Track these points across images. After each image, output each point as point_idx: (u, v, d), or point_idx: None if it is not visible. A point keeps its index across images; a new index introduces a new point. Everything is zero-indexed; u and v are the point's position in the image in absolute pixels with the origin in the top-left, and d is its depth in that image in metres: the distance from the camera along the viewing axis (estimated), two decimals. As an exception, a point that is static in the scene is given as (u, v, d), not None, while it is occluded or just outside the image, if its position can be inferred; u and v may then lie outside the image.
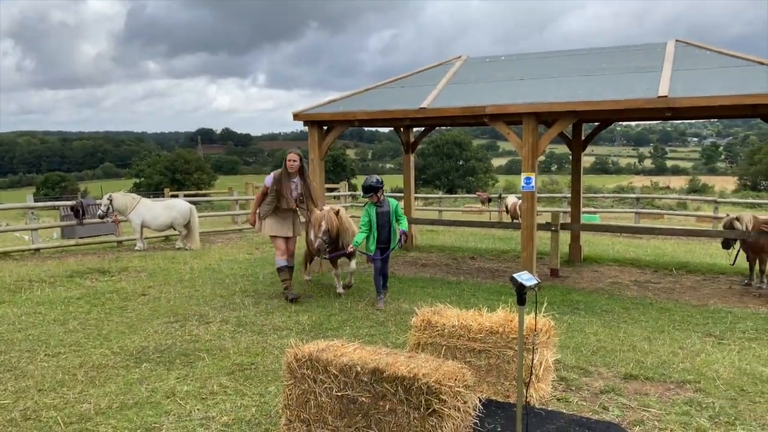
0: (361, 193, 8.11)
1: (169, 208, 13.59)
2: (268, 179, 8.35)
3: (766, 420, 4.56)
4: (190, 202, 14.58)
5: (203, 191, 32.10)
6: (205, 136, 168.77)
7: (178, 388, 5.22)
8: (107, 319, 7.56)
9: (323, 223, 8.02)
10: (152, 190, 46.71)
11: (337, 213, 8.28)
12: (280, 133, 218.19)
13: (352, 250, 8.08)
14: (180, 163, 60.93)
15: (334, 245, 8.31)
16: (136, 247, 13.43)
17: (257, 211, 8.51)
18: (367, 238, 8.06)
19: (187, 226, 13.55)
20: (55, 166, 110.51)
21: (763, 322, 7.31)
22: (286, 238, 8.47)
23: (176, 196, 18.61)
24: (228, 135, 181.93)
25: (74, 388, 5.22)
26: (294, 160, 8.18)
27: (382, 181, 8.05)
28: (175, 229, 13.76)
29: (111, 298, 8.71)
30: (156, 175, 59.58)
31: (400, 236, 8.11)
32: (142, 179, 61.75)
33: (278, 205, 8.28)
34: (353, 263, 8.90)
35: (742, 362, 5.82)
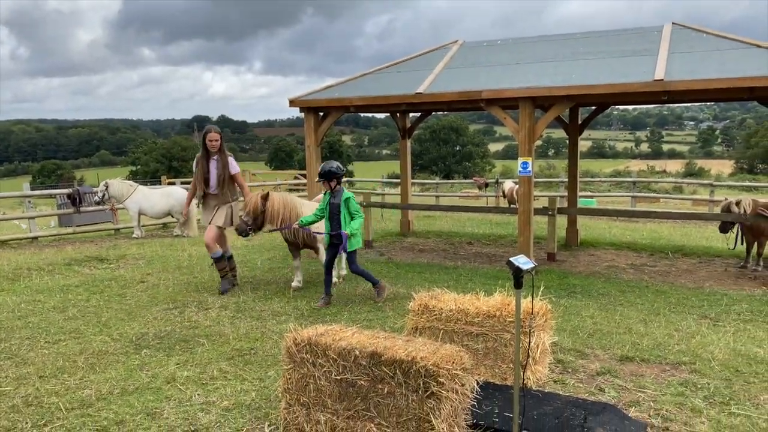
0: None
1: (167, 196, 13.59)
2: (195, 163, 8.06)
3: (760, 400, 4.62)
4: (186, 189, 14.56)
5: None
6: (201, 123, 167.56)
7: (179, 373, 5.26)
8: (106, 306, 7.58)
9: (247, 206, 7.82)
10: (149, 177, 46.63)
11: (264, 197, 7.81)
12: (276, 119, 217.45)
13: (295, 226, 7.61)
14: (176, 150, 60.79)
15: (259, 227, 7.90)
16: (134, 235, 13.44)
17: (191, 202, 8.40)
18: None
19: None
20: (51, 155, 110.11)
21: (759, 304, 7.37)
22: (220, 228, 8.06)
23: (173, 183, 18.58)
24: (224, 122, 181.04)
25: (75, 375, 5.26)
26: (216, 140, 7.77)
27: (341, 169, 7.39)
28: (173, 217, 13.76)
29: (110, 285, 8.73)
30: (152, 162, 59.45)
31: (345, 236, 7.26)
32: (139, 167, 61.59)
33: (206, 191, 7.96)
34: (321, 254, 8.14)
35: (737, 343, 5.88)
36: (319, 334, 4.15)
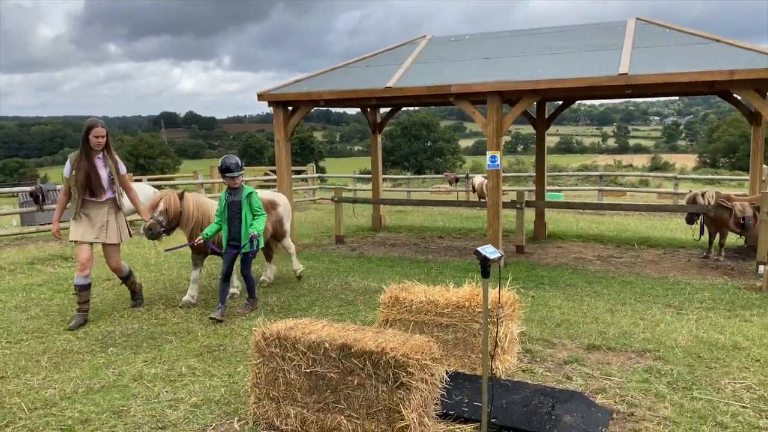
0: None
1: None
2: (66, 168, 6.40)
3: (720, 384, 4.74)
4: (154, 186, 14.34)
5: (168, 175, 31.62)
6: (168, 119, 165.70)
7: (146, 371, 5.18)
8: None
9: (161, 203, 6.80)
10: (115, 175, 45.79)
11: (181, 196, 7.00)
12: (245, 115, 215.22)
13: (200, 242, 6.68)
14: (143, 147, 59.79)
15: (171, 231, 7.00)
16: (100, 233, 13.17)
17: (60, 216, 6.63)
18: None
19: (152, 210, 13.32)
20: (13, 153, 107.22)
21: (720, 293, 7.56)
22: (102, 246, 6.60)
23: (140, 180, 18.28)
24: (192, 118, 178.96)
25: (38, 375, 5.14)
26: (103, 135, 6.27)
27: (241, 165, 6.71)
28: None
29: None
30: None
31: (251, 239, 6.60)
32: (105, 165, 60.44)
33: (85, 199, 6.37)
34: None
35: (700, 331, 6.02)
36: (289, 328, 4.13)
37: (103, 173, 6.37)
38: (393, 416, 3.69)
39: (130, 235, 6.86)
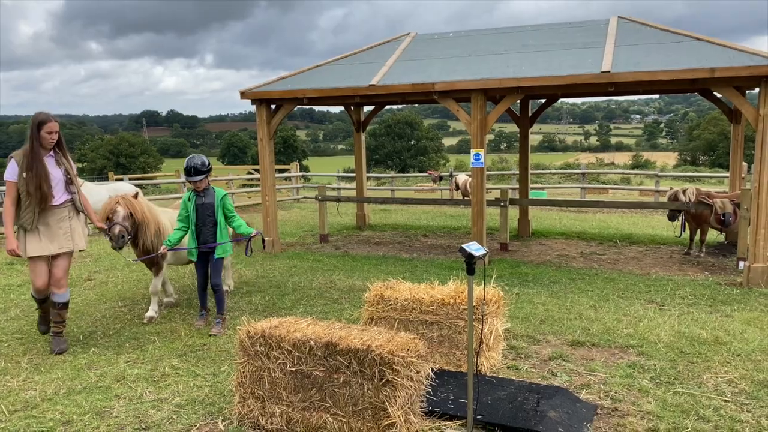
0: (185, 178, 6.26)
1: (114, 192, 13.18)
2: (11, 170, 5.35)
3: (702, 379, 4.79)
4: (136, 185, 14.20)
5: (149, 174, 31.33)
6: (150, 118, 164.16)
7: (129, 371, 5.12)
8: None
9: (120, 207, 6.09)
10: (96, 174, 45.25)
11: (135, 196, 6.44)
12: (228, 114, 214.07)
13: (164, 251, 6.17)
14: (124, 146, 59.12)
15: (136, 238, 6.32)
16: (81, 233, 13.01)
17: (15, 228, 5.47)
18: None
19: (134, 209, 13.19)
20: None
21: (701, 288, 7.65)
22: (54, 257, 5.56)
23: (121, 179, 18.09)
24: (174, 117, 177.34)
25: (18, 376, 5.05)
26: (56, 131, 5.43)
27: (209, 165, 6.21)
28: (121, 213, 13.37)
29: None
30: (99, 159, 57.68)
31: (248, 240, 6.18)
32: (85, 164, 59.66)
33: (42, 206, 5.41)
34: (155, 280, 6.70)
35: (682, 326, 6.08)
36: (273, 327, 4.11)
37: (57, 173, 5.47)
38: (379, 414, 3.68)
39: (83, 246, 5.79)
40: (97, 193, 13.11)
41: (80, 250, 5.79)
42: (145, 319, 6.54)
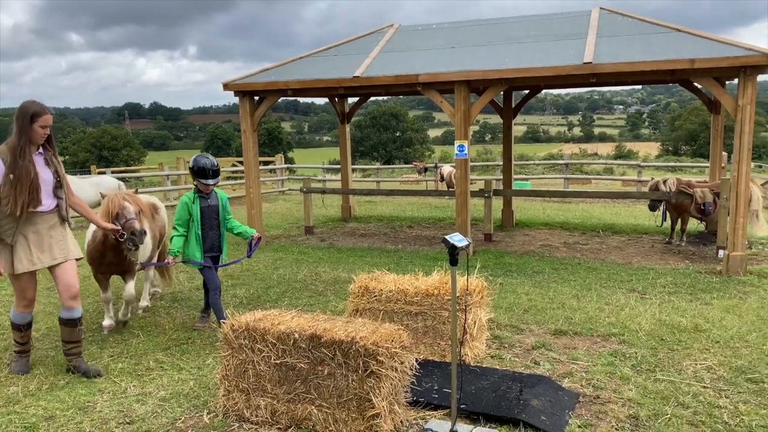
0: (198, 179, 5.77)
1: (97, 185, 13.06)
2: None
3: (682, 366, 4.87)
4: (119, 178, 14.07)
5: (132, 167, 31.03)
6: (132, 110, 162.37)
7: (112, 365, 5.10)
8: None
9: (128, 204, 5.42)
10: (78, 167, 44.72)
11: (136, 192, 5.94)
12: (211, 106, 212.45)
13: (173, 261, 5.76)
14: (107, 139, 58.45)
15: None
16: (62, 227, 12.88)
17: None
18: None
19: (116, 203, 13.08)
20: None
21: (682, 277, 7.76)
22: (53, 268, 4.81)
23: (103, 173, 17.91)
24: (157, 109, 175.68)
25: (0, 372, 5.01)
26: (50, 125, 4.68)
27: (218, 169, 5.85)
28: (103, 207, 13.25)
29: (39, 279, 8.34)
30: (81, 152, 56.97)
31: (252, 244, 6.00)
32: (67, 157, 58.97)
33: (28, 212, 4.61)
34: (131, 284, 5.98)
35: (662, 314, 6.17)
36: (257, 320, 4.11)
37: (47, 175, 4.68)
38: (363, 404, 3.70)
39: (78, 254, 5.07)
40: (81, 188, 12.98)
41: (77, 259, 4.97)
42: (104, 330, 5.90)
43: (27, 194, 4.51)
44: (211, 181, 5.74)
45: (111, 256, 5.69)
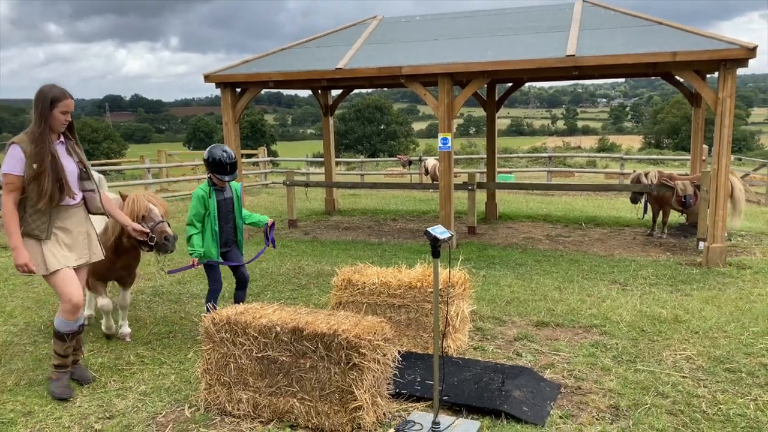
0: (214, 174, 5.27)
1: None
2: (15, 160, 4.09)
3: (662, 356, 4.92)
4: (99, 171, 13.90)
5: (113, 160, 30.68)
6: (113, 103, 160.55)
7: (92, 360, 5.04)
8: (11, 295, 7.15)
9: (153, 206, 5.09)
10: (58, 161, 44.12)
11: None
12: (193, 98, 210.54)
13: (197, 263, 5.28)
14: (87, 132, 57.71)
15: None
16: (42, 220, 12.70)
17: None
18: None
19: (97, 196, 12.92)
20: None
21: (663, 269, 7.83)
22: (78, 268, 4.41)
23: (84, 165, 17.74)
24: (138, 102, 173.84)
25: (-23, 368, 4.94)
26: (71, 111, 4.28)
27: (236, 163, 5.41)
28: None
29: (15, 273, 8.21)
30: (61, 145, 56.26)
31: (268, 232, 5.65)
32: (46, 150, 58.22)
33: (55, 203, 4.19)
34: (129, 292, 5.67)
35: (643, 306, 6.23)
36: (239, 313, 4.08)
37: (71, 165, 4.31)
38: (346, 397, 3.70)
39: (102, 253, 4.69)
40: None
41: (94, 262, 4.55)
42: (126, 338, 5.54)
43: (55, 186, 4.10)
44: (227, 177, 5.26)
45: (123, 260, 5.29)
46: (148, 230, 4.85)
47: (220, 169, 5.22)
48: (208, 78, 10.32)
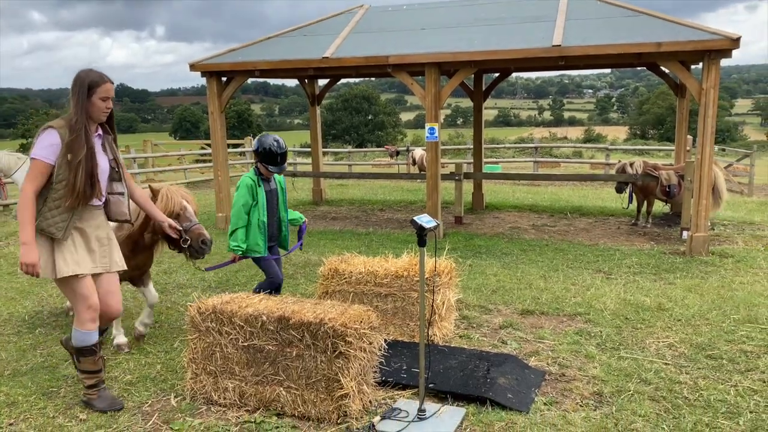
0: (264, 164, 4.96)
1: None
2: (49, 146, 3.65)
3: (645, 344, 4.98)
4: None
5: (98, 151, 30.37)
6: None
7: (77, 350, 5.00)
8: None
9: (188, 204, 4.69)
10: (41, 150, 43.50)
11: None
12: (180, 88, 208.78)
13: (238, 258, 5.07)
14: (71, 121, 56.96)
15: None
16: (25, 211, 12.58)
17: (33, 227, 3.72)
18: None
19: (81, 186, 12.81)
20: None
21: (647, 258, 7.91)
22: (96, 277, 3.92)
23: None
24: (123, 91, 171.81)
25: (-41, 358, 4.90)
26: (111, 97, 3.84)
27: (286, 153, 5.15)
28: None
29: (-2, 264, 8.15)
30: (45, 134, 55.43)
31: (301, 232, 5.43)
32: (30, 139, 57.40)
33: (76, 201, 3.71)
34: (152, 288, 5.28)
35: (627, 294, 6.30)
36: (225, 302, 4.07)
37: (104, 163, 3.86)
38: (332, 385, 3.71)
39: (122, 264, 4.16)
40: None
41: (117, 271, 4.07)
42: (123, 349, 5.01)
43: (86, 182, 3.67)
44: (276, 169, 4.95)
45: (139, 259, 4.91)
46: (181, 229, 4.45)
47: (271, 159, 4.90)
48: (193, 67, 10.23)
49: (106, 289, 3.96)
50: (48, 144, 3.64)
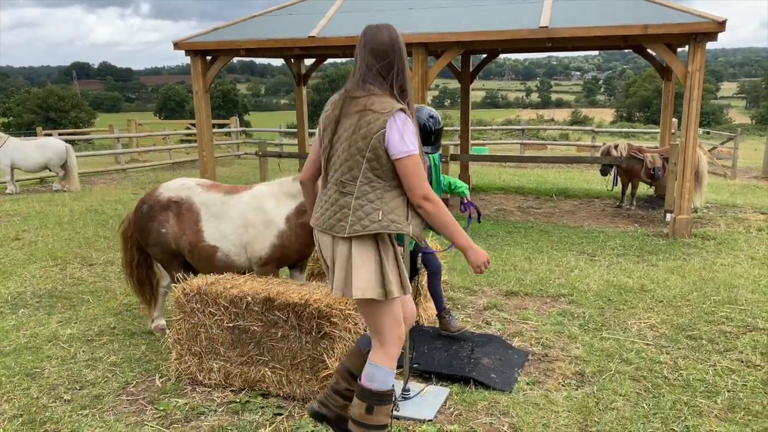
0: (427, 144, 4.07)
1: (42, 148, 12.60)
2: (414, 133, 2.81)
3: (627, 324, 5.05)
4: (67, 141, 13.59)
5: (81, 130, 29.92)
6: (80, 70, 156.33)
7: (61, 331, 4.99)
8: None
9: None
10: (24, 129, 42.92)
11: None
12: (164, 67, 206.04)
13: (437, 250, 4.76)
14: (53, 100, 56.07)
15: None
16: (7, 191, 12.43)
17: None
18: None
19: (64, 166, 12.66)
20: None
21: (630, 240, 7.99)
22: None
23: (50, 134, 17.24)
24: (106, 69, 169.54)
25: (-59, 339, 4.86)
26: None
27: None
28: (50, 170, 12.82)
29: (-20, 244, 8.06)
30: (27, 113, 54.57)
31: (469, 210, 4.89)
32: (11, 118, 56.54)
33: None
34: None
35: (610, 275, 6.37)
36: (209, 284, 4.06)
37: None
38: (317, 365, 3.73)
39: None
40: (22, 149, 12.48)
41: None
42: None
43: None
44: (430, 149, 4.12)
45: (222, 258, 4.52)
46: None
47: (424, 137, 4.02)
48: (177, 45, 10.09)
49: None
50: (414, 134, 2.81)
